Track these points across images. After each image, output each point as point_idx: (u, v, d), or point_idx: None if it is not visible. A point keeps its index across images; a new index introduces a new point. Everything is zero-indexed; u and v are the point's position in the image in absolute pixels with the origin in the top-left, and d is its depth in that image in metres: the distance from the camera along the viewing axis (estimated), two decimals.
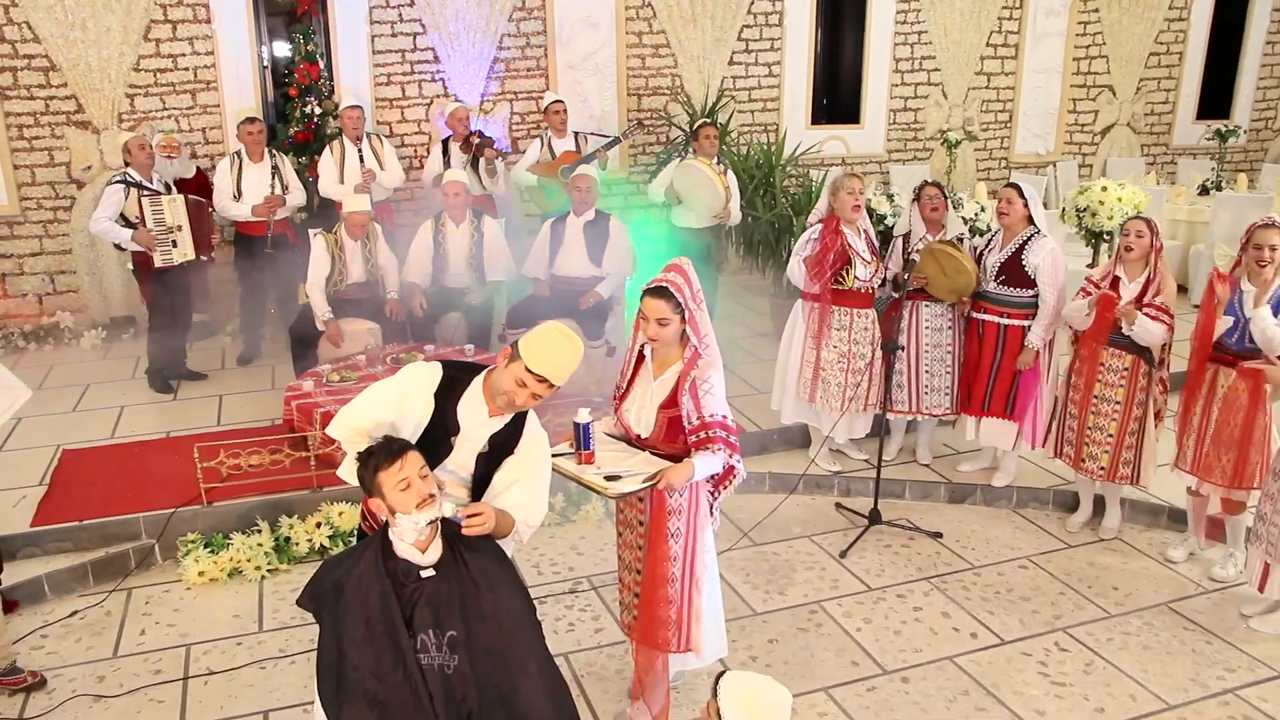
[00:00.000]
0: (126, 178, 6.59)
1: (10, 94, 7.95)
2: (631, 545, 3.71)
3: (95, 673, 4.33)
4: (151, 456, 5.74)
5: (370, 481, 2.82)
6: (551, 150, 7.94)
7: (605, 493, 3.35)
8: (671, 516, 3.53)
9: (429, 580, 2.85)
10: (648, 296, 3.41)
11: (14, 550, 5.00)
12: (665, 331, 3.40)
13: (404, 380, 3.10)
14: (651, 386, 3.52)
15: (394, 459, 2.79)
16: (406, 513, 2.79)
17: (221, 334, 8.14)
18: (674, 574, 3.57)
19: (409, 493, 2.78)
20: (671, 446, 3.49)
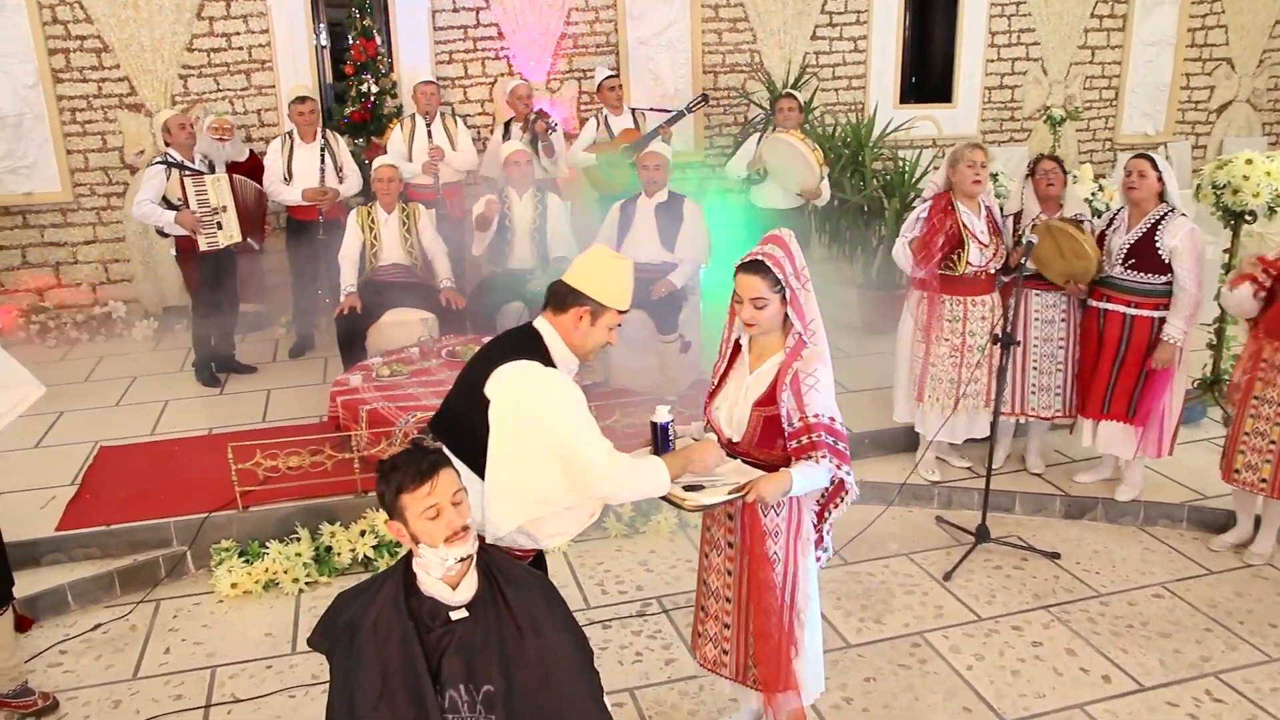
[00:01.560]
0: (167, 158, 6.23)
1: (63, 77, 7.68)
2: (719, 570, 3.15)
3: (112, 696, 3.93)
4: (189, 455, 5.35)
5: (391, 502, 2.32)
6: (609, 129, 7.41)
7: (683, 506, 2.82)
8: (767, 538, 2.97)
9: (461, 623, 2.34)
10: (741, 273, 2.88)
11: (38, 556, 4.64)
12: (762, 315, 2.86)
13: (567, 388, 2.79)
14: (747, 380, 2.97)
15: (422, 479, 2.28)
16: (433, 546, 2.28)
17: (276, 325, 7.77)
18: (773, 604, 3.00)
19: (438, 522, 2.28)
20: (768, 453, 2.94)
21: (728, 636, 3.14)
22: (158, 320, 7.76)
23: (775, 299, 2.85)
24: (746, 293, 2.86)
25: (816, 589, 3.10)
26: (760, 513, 2.94)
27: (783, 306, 2.87)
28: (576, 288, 2.81)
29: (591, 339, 2.84)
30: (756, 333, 2.93)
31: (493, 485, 2.73)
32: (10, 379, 3.59)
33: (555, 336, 2.84)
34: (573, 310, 2.80)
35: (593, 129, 7.48)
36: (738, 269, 2.90)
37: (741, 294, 2.88)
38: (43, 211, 7.88)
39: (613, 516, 4.99)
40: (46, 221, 7.91)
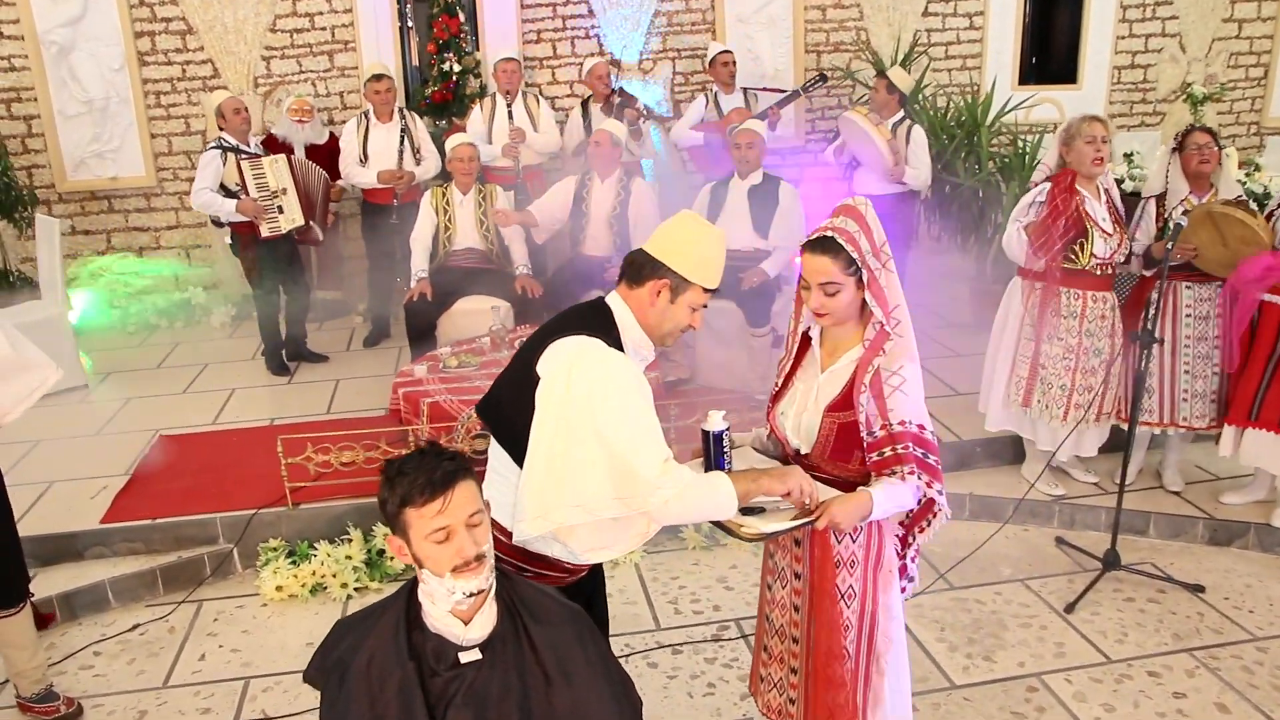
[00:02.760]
0: (222, 143, 5.98)
1: (148, 60, 7.57)
2: (784, 605, 2.66)
3: (138, 705, 3.64)
4: (245, 447, 5.07)
5: (393, 514, 1.89)
6: (718, 107, 6.93)
7: (739, 534, 2.33)
8: (841, 570, 2.48)
9: (472, 666, 1.91)
10: (808, 252, 2.38)
11: (81, 549, 4.41)
12: (835, 302, 2.36)
13: (629, 374, 2.32)
14: (818, 380, 2.48)
15: (433, 493, 1.84)
16: (438, 574, 1.86)
17: (353, 313, 7.51)
18: (846, 649, 2.50)
19: (446, 547, 1.85)
20: (843, 467, 2.45)
21: (795, 683, 2.65)
22: (236, 307, 7.58)
23: (850, 283, 2.35)
24: (815, 276, 2.36)
25: (902, 630, 2.58)
26: (833, 539, 2.45)
27: (859, 291, 2.37)
28: (657, 257, 2.38)
29: (670, 319, 2.40)
30: (828, 323, 2.43)
31: (527, 478, 2.28)
32: (27, 363, 3.31)
33: (628, 313, 2.41)
34: (650, 283, 2.37)
35: (701, 106, 7.03)
36: (803, 249, 2.41)
37: (809, 278, 2.38)
38: (127, 196, 7.79)
39: (691, 525, 4.52)
40: (131, 206, 7.82)
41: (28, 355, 3.33)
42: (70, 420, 5.74)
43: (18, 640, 3.49)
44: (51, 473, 5.00)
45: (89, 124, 7.58)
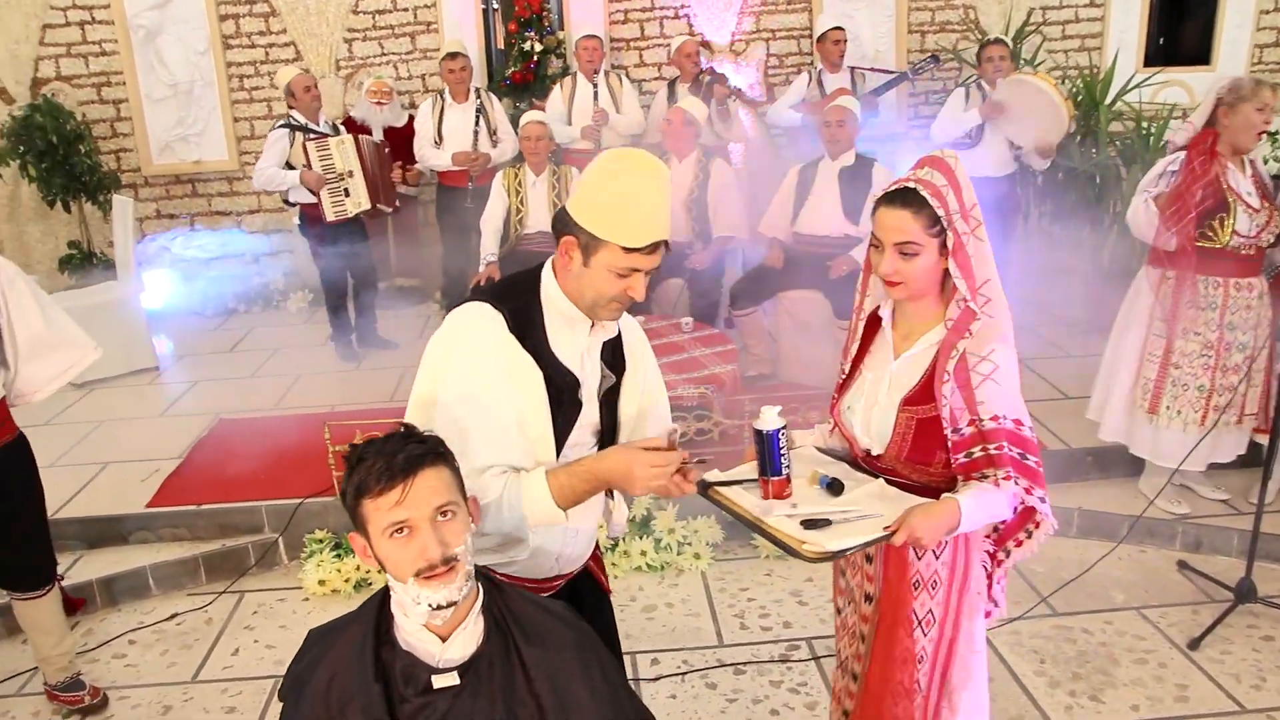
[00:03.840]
0: (290, 121, 5.81)
1: (232, 43, 7.51)
2: (854, 631, 2.27)
3: (164, 699, 3.44)
4: (301, 434, 4.85)
5: (351, 506, 1.60)
6: (821, 86, 6.51)
7: (802, 553, 1.89)
8: (919, 592, 2.08)
9: (447, 694, 1.58)
10: (884, 205, 1.99)
11: (125, 533, 4.27)
12: (911, 268, 1.97)
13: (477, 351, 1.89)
14: (891, 368, 2.09)
15: (391, 481, 1.53)
16: (400, 579, 1.54)
17: (430, 301, 7.31)
18: (918, 682, 2.11)
19: (407, 546, 1.54)
20: (923, 470, 2.05)
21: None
22: (312, 292, 7.45)
23: (932, 246, 1.96)
24: (890, 235, 1.96)
25: (984, 664, 2.16)
26: (912, 556, 2.05)
27: (942, 258, 1.97)
28: (567, 208, 1.92)
29: (590, 286, 1.89)
30: (900, 295, 2.03)
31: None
32: (65, 340, 3.13)
33: (552, 280, 1.97)
34: (561, 241, 1.91)
35: (803, 85, 6.63)
36: (878, 202, 2.01)
37: (882, 236, 1.98)
38: (210, 180, 7.75)
39: None
40: (214, 190, 7.78)
41: (64, 333, 3.15)
42: (136, 402, 5.65)
43: (44, 624, 3.33)
44: (108, 454, 4.89)
45: (174, 108, 7.56)
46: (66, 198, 7.08)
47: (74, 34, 7.45)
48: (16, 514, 3.12)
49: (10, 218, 7.56)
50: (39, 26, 7.38)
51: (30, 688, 3.56)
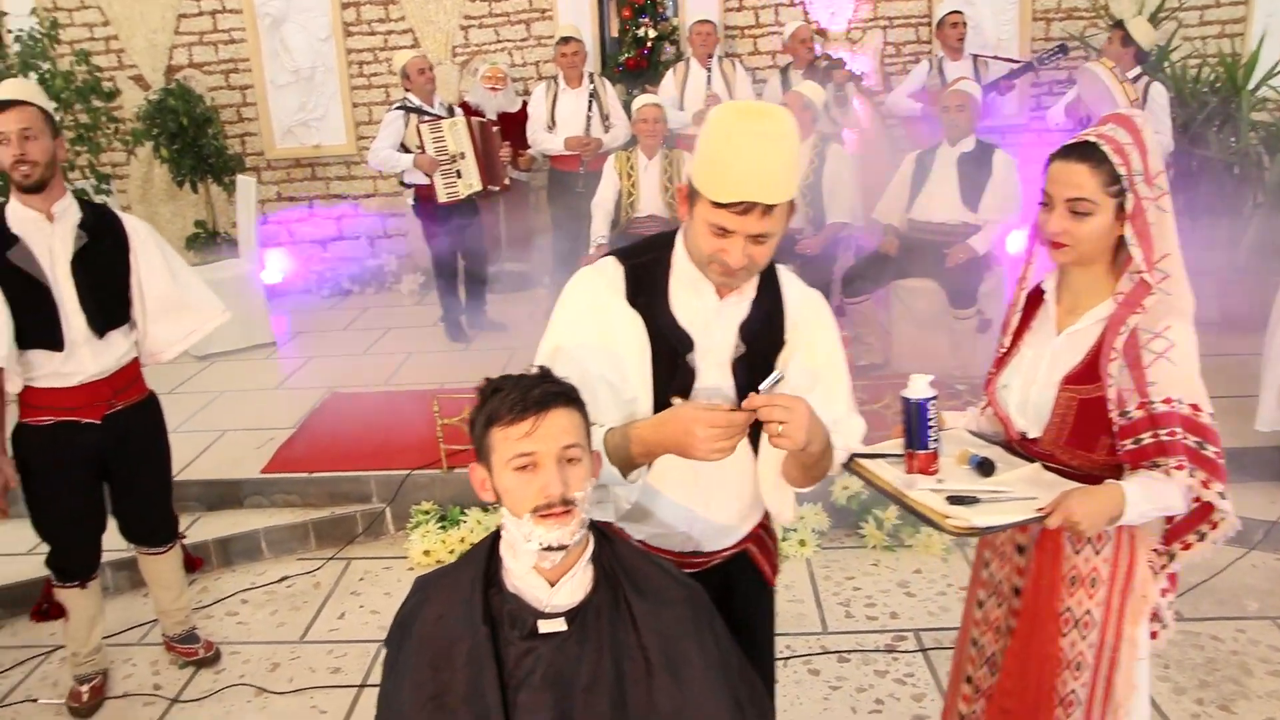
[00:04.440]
0: (406, 103, 5.90)
1: (353, 30, 7.68)
2: (997, 626, 2.12)
3: (273, 657, 3.52)
4: (411, 409, 4.92)
5: (480, 436, 1.58)
6: (942, 74, 6.34)
7: (944, 526, 1.78)
8: (1076, 589, 1.94)
9: (553, 641, 1.55)
10: (1060, 159, 1.86)
11: (241, 498, 4.39)
12: (1082, 228, 1.83)
13: (574, 307, 1.86)
14: (1053, 344, 1.95)
15: (523, 413, 1.51)
16: (516, 514, 1.52)
17: (539, 286, 7.35)
18: (1073, 692, 1.97)
19: (530, 479, 1.51)
20: (1085, 457, 1.92)
21: None
22: (424, 275, 7.58)
23: (1108, 206, 1.81)
24: (1062, 190, 1.83)
25: (1147, 676, 2.00)
26: (1067, 546, 1.92)
27: (1118, 223, 1.82)
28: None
29: (693, 241, 1.77)
30: (1067, 259, 1.88)
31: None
32: (194, 301, 3.23)
33: (681, 236, 1.86)
34: (680, 189, 1.80)
35: (923, 73, 6.47)
36: (1053, 156, 1.88)
37: (1053, 192, 1.84)
38: (329, 164, 7.95)
39: (872, 523, 4.03)
40: (332, 174, 7.98)
41: (192, 295, 3.25)
42: (253, 375, 5.83)
43: (165, 579, 3.45)
44: (226, 422, 5.04)
45: (297, 93, 7.78)
46: (195, 179, 7.35)
47: (206, 23, 7.72)
48: (145, 470, 3.22)
49: (143, 198, 7.88)
50: (175, 17, 7.68)
51: (150, 638, 3.69)
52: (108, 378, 3.02)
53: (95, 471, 3.10)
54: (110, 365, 3.02)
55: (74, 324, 2.91)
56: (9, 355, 2.84)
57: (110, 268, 2.99)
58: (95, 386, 2.99)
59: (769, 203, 1.64)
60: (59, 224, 2.91)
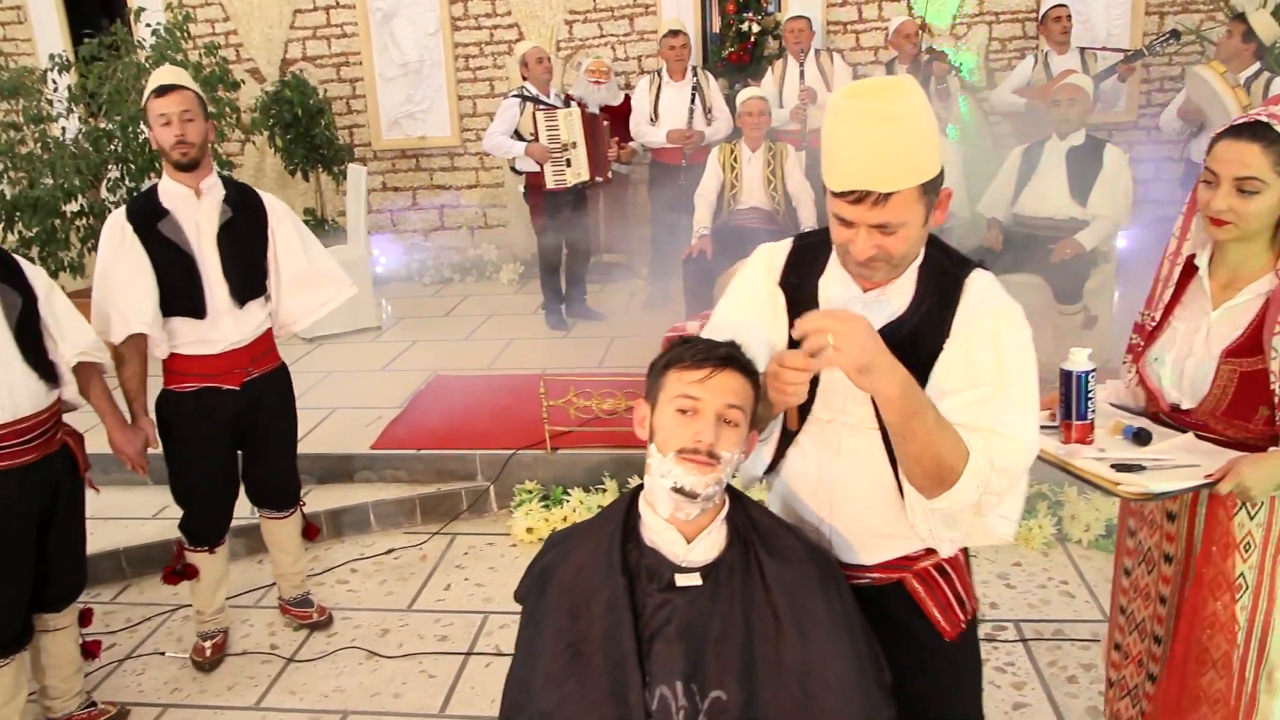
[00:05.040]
0: (523, 91, 6.03)
1: (460, 24, 7.87)
2: (1149, 595, 2.16)
3: (383, 624, 3.65)
4: (514, 392, 5.04)
5: (657, 374, 1.67)
6: (1048, 69, 6.25)
7: (1117, 492, 1.86)
8: (1234, 553, 1.96)
9: (688, 594, 1.61)
10: (1227, 139, 1.89)
11: (351, 472, 4.55)
12: (1248, 206, 1.86)
13: (739, 281, 1.87)
14: (1209, 319, 1.99)
15: (703, 361, 1.59)
16: (663, 451, 1.59)
17: (636, 277, 7.44)
18: (1225, 653, 1.99)
19: (686, 422, 1.59)
20: (1241, 427, 1.95)
21: (1150, 693, 2.15)
22: (524, 265, 7.73)
23: (1276, 185, 1.84)
24: (1229, 168, 1.86)
25: None
26: (1226, 507, 1.93)
27: None
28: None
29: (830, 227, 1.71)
30: (1227, 236, 1.91)
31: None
32: (325, 276, 3.39)
33: None
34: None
35: (1028, 68, 6.40)
36: (1219, 135, 1.91)
37: (1219, 170, 1.87)
38: (433, 155, 8.15)
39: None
40: (436, 165, 8.18)
41: (324, 270, 3.40)
42: (360, 357, 6.02)
43: (285, 544, 3.60)
44: (336, 400, 5.21)
45: (404, 86, 8.00)
46: (306, 167, 7.60)
47: (320, 18, 7.99)
48: (276, 435, 3.39)
49: (255, 185, 8.14)
50: (290, 12, 7.96)
51: (265, 602, 3.86)
52: (246, 346, 3.19)
53: (232, 437, 3.27)
54: (249, 334, 3.19)
55: (217, 293, 3.08)
56: (154, 321, 3.02)
57: (251, 241, 3.15)
58: (235, 354, 3.16)
59: (881, 190, 1.53)
60: (206, 199, 3.08)
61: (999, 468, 1.59)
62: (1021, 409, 1.62)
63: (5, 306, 2.73)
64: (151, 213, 3.00)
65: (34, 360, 2.76)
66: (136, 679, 3.44)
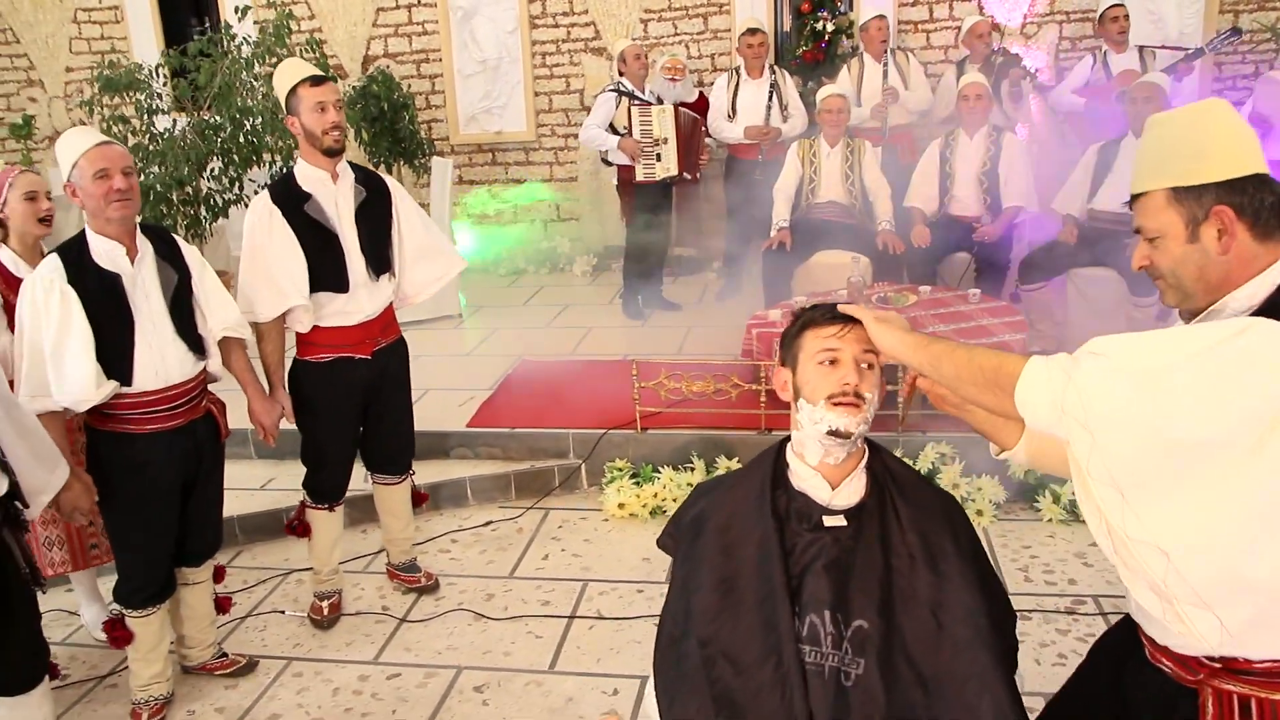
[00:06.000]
0: (620, 87, 6.24)
1: (538, 23, 8.08)
2: None
3: (487, 589, 3.85)
4: (600, 375, 5.24)
5: (792, 340, 1.85)
6: (1107, 68, 6.33)
7: None
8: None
9: (834, 534, 1.77)
10: None
11: (448, 448, 4.76)
12: None
13: None
14: None
15: (835, 320, 1.79)
16: (813, 402, 1.76)
17: (708, 270, 7.61)
18: None
19: (832, 371, 1.76)
20: None
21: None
22: (597, 257, 7.93)
23: None
24: None
25: None
26: None
27: None
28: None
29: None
30: None
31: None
32: (441, 249, 3.65)
33: None
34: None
35: (1087, 68, 6.47)
36: None
37: None
38: (509, 149, 8.38)
39: (1049, 497, 4.12)
40: (511, 159, 8.41)
41: (440, 243, 3.67)
42: (444, 343, 6.25)
43: (396, 509, 3.82)
44: (428, 381, 5.41)
45: (482, 82, 8.23)
46: (389, 160, 7.86)
47: (401, 16, 8.25)
48: (397, 402, 3.64)
49: None
50: (374, 10, 8.23)
51: (373, 568, 4.08)
52: (377, 318, 3.43)
53: (360, 403, 3.50)
54: (379, 306, 3.44)
55: (356, 268, 3.31)
56: (307, 296, 3.26)
57: (381, 219, 3.40)
58: (368, 325, 3.40)
59: (1131, 191, 1.61)
60: (341, 182, 3.31)
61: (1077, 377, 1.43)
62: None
63: (163, 282, 2.97)
64: (295, 196, 3.23)
65: (185, 333, 3.00)
66: (259, 635, 3.68)
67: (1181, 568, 1.38)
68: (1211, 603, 1.39)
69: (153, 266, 2.95)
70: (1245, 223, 1.50)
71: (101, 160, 2.80)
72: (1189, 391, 1.34)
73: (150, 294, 2.92)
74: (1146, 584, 1.45)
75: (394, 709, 3.17)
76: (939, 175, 5.63)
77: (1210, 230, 1.52)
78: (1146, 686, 1.68)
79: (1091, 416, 1.41)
